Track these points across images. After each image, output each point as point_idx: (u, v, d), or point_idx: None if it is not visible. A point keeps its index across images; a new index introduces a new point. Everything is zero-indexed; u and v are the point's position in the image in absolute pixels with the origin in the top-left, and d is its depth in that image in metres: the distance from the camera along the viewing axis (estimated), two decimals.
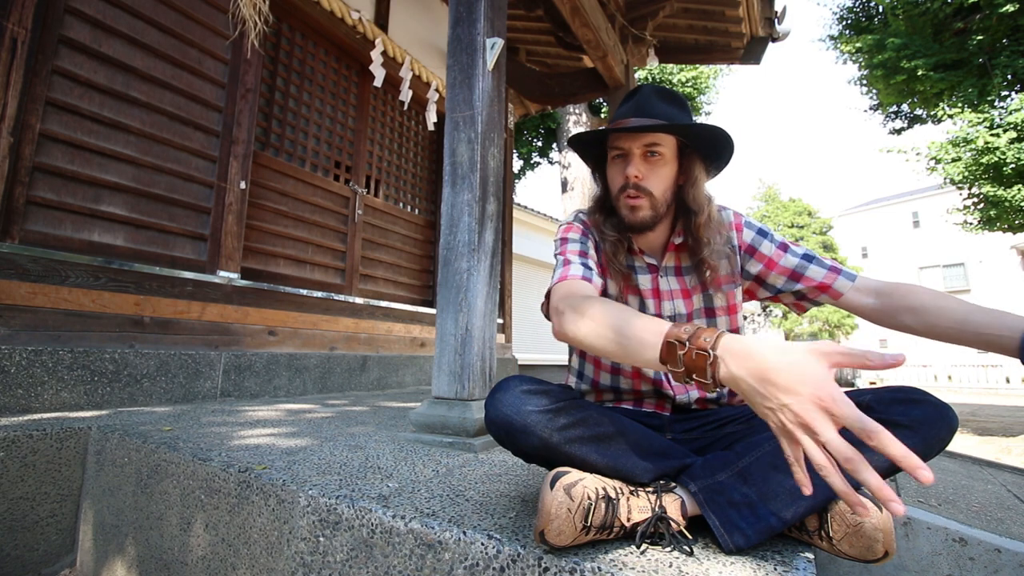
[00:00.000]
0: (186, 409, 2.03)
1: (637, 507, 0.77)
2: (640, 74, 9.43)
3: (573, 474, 0.75)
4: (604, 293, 1.06)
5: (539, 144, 11.17)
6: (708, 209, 1.04)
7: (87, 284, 1.99)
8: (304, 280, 3.10)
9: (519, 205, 9.91)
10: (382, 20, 3.79)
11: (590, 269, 0.98)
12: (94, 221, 2.08)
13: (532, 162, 11.60)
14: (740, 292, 1.10)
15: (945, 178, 6.36)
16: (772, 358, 0.57)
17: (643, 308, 1.08)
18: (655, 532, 0.75)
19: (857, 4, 7.93)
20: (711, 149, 1.04)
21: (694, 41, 4.21)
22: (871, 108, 8.36)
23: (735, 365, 0.61)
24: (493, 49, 1.67)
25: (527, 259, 10.01)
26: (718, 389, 0.65)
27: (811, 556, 0.74)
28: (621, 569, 0.67)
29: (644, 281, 1.08)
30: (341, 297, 3.23)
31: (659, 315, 1.07)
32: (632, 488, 0.80)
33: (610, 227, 1.06)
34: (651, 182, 1.00)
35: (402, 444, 1.51)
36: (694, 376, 0.65)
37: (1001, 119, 5.72)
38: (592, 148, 1.13)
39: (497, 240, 1.65)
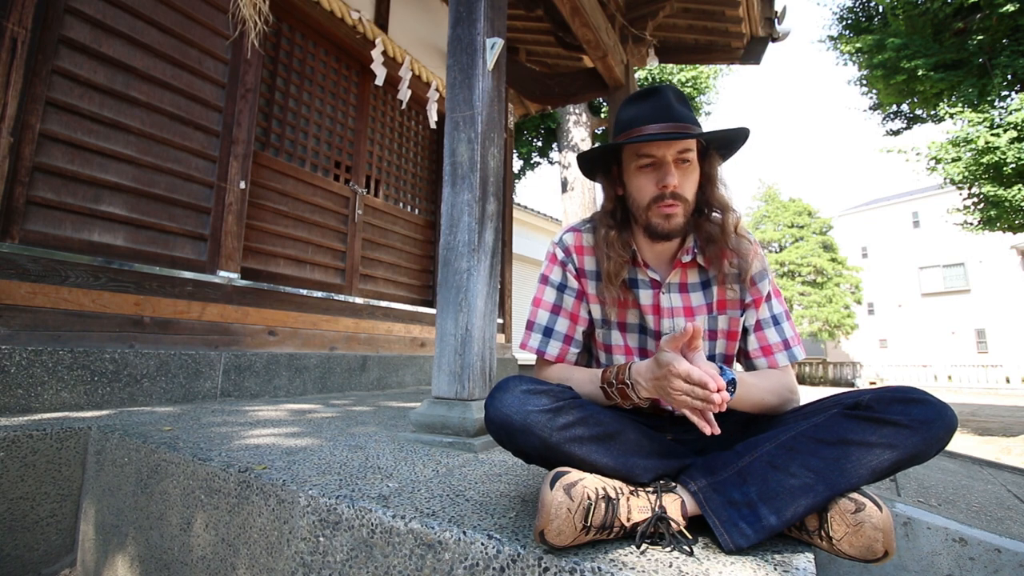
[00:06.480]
0: (186, 409, 2.03)
1: (637, 507, 0.77)
2: (640, 74, 9.43)
3: (573, 474, 0.75)
4: (588, 328, 1.11)
5: (539, 144, 11.16)
6: (730, 216, 1.02)
7: (87, 284, 1.99)
8: (304, 280, 3.10)
9: (519, 205, 9.92)
10: (382, 20, 3.79)
11: (548, 336, 1.08)
12: (94, 221, 2.08)
13: (532, 162, 11.59)
14: (741, 320, 1.05)
15: (945, 178, 6.35)
16: (650, 371, 0.83)
17: (643, 324, 1.06)
18: (655, 532, 0.75)
19: (857, 4, 7.92)
20: (727, 148, 1.05)
21: (694, 41, 4.21)
22: (871, 108, 8.35)
23: (643, 383, 0.85)
24: (493, 49, 1.66)
25: (527, 259, 10.02)
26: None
27: (811, 556, 0.74)
28: (621, 569, 0.67)
29: (645, 296, 1.05)
30: (341, 297, 3.22)
31: (658, 332, 1.04)
32: (632, 488, 0.80)
33: (620, 244, 1.03)
34: (685, 189, 0.99)
35: (402, 444, 1.51)
36: (632, 401, 0.88)
37: (1001, 119, 5.71)
38: (603, 157, 1.09)
39: (497, 240, 1.65)
